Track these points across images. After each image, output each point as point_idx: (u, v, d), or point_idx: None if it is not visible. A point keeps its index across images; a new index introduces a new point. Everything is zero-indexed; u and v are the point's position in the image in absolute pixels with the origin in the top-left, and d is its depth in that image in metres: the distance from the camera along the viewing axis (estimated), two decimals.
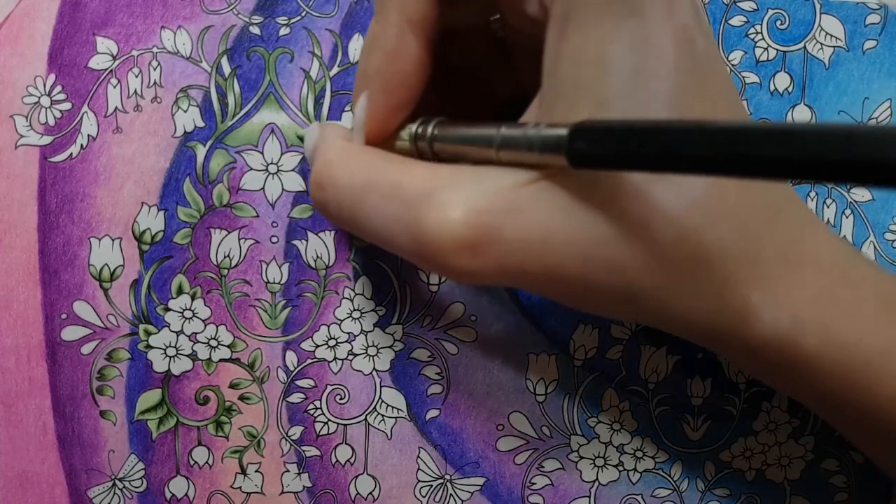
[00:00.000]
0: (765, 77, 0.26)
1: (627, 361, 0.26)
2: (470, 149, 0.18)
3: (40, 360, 0.25)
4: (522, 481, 0.27)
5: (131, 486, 0.26)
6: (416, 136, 0.20)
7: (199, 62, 0.25)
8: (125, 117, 0.25)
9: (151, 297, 0.25)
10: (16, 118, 0.25)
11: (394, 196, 0.18)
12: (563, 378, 0.26)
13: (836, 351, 0.18)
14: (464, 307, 0.26)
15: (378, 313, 0.26)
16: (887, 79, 0.26)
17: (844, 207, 0.26)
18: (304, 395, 0.26)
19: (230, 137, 0.25)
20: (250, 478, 0.26)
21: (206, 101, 0.25)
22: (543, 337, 0.26)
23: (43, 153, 0.25)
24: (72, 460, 0.25)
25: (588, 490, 0.27)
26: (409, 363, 0.26)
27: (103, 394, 0.25)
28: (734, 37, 0.26)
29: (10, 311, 0.25)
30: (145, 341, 0.25)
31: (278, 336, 0.26)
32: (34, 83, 0.24)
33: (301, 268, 0.25)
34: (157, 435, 0.26)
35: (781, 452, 0.26)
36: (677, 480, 0.27)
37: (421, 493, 0.26)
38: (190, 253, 0.25)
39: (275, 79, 0.25)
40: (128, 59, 0.25)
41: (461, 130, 0.19)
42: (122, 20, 0.25)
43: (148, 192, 0.25)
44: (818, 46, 0.26)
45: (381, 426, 0.26)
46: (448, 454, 0.26)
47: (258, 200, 0.25)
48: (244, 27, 0.25)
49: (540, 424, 0.26)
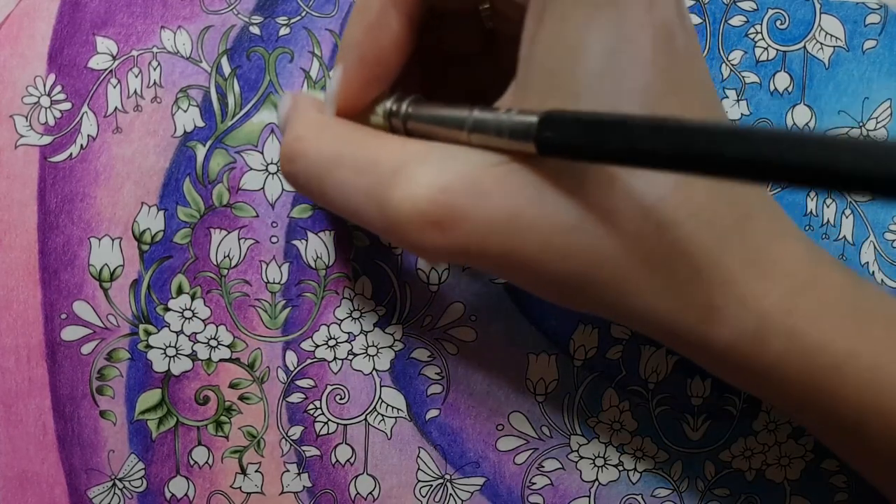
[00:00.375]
0: (765, 77, 0.26)
1: (627, 361, 0.26)
2: (442, 129, 0.19)
3: (40, 360, 0.25)
4: (522, 481, 0.27)
5: (131, 486, 0.26)
6: (390, 112, 0.20)
7: (199, 62, 0.25)
8: (125, 117, 0.25)
9: (151, 297, 0.25)
10: (16, 118, 0.25)
11: (363, 170, 0.18)
12: (563, 378, 0.26)
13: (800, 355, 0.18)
14: (464, 307, 0.26)
15: (378, 313, 0.26)
16: (887, 79, 0.26)
17: (844, 207, 0.26)
18: (304, 395, 0.26)
19: (230, 137, 0.25)
20: (250, 478, 0.26)
21: (206, 101, 0.25)
22: (543, 337, 0.26)
23: (43, 153, 0.25)
24: (72, 460, 0.25)
25: (588, 490, 0.27)
26: (409, 363, 0.26)
27: (103, 394, 0.25)
28: (734, 37, 0.26)
29: (10, 311, 0.25)
30: (145, 341, 0.25)
31: (278, 336, 0.26)
32: (34, 83, 0.24)
33: (301, 268, 0.25)
34: (157, 435, 0.26)
35: (781, 452, 0.26)
36: (677, 480, 0.27)
37: (421, 493, 0.26)
38: (190, 253, 0.25)
39: (275, 79, 0.25)
40: (128, 59, 0.25)
41: (435, 110, 0.19)
42: (122, 20, 0.25)
43: (148, 192, 0.25)
44: (818, 46, 0.26)
45: (381, 426, 0.26)
46: (448, 454, 0.26)
47: (258, 200, 0.25)
48: (244, 27, 0.25)
49: (540, 424, 0.26)
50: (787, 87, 0.26)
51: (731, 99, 0.26)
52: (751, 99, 0.26)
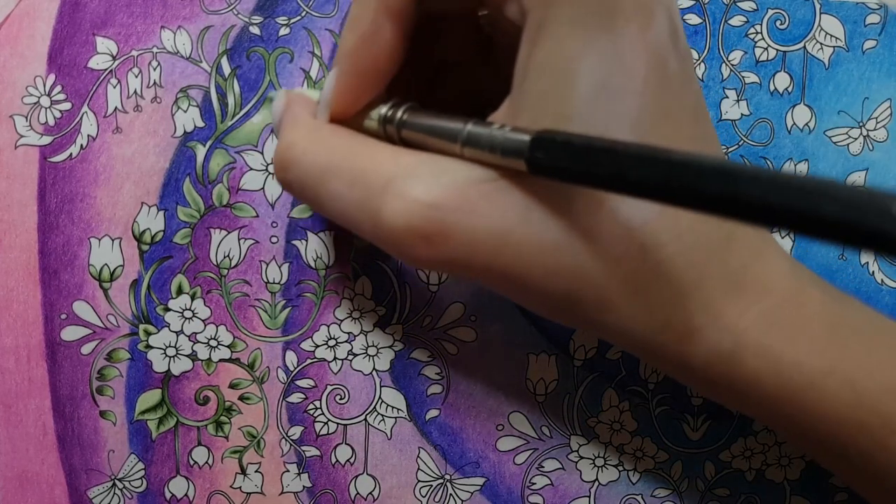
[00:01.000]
0: (765, 77, 0.26)
1: (627, 361, 0.26)
2: (436, 140, 0.19)
3: (40, 360, 0.25)
4: (522, 481, 0.27)
5: (131, 486, 0.26)
6: (385, 118, 0.20)
7: (199, 62, 0.25)
8: (125, 117, 0.25)
9: (151, 297, 0.25)
10: (16, 118, 0.25)
11: (355, 182, 0.19)
12: (563, 378, 0.26)
13: (778, 373, 0.19)
14: (464, 307, 0.26)
15: (378, 313, 0.26)
16: (887, 79, 0.26)
17: None
18: (304, 395, 0.26)
19: (230, 137, 0.25)
20: (250, 478, 0.26)
21: (206, 101, 0.25)
22: (543, 337, 0.26)
23: (43, 153, 0.25)
24: (72, 460, 0.25)
25: (588, 490, 0.27)
26: (409, 363, 0.26)
27: (103, 394, 0.25)
28: (734, 37, 0.26)
29: (10, 311, 0.25)
30: (145, 341, 0.25)
31: (278, 336, 0.26)
32: (34, 83, 0.24)
33: (301, 268, 0.25)
34: (157, 435, 0.26)
35: (781, 452, 0.26)
36: (677, 480, 0.27)
37: (421, 493, 0.26)
38: (190, 253, 0.25)
39: (275, 79, 0.25)
40: (128, 59, 0.25)
41: (429, 121, 0.19)
42: (121, 20, 0.25)
43: (148, 192, 0.25)
44: (818, 46, 0.26)
45: (381, 426, 0.26)
46: (448, 454, 0.26)
47: (258, 200, 0.25)
48: (244, 27, 0.25)
49: (540, 424, 0.26)
50: (787, 87, 0.26)
51: (731, 99, 0.26)
52: (751, 99, 0.26)
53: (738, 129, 0.26)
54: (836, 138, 0.26)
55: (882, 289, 0.26)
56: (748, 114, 0.26)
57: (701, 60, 0.26)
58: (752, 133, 0.26)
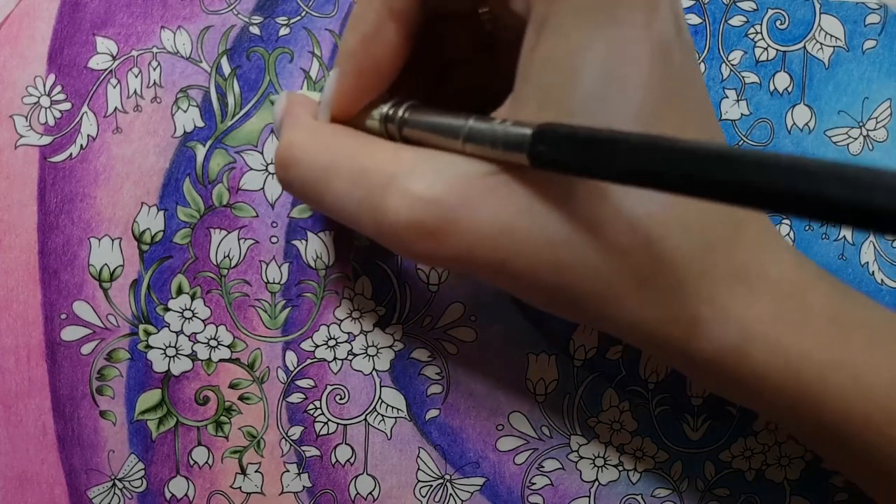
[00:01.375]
0: (765, 77, 0.26)
1: (627, 361, 0.26)
2: (437, 138, 0.19)
3: (40, 360, 0.25)
4: (522, 481, 0.27)
5: (131, 486, 0.26)
6: (386, 117, 0.20)
7: (198, 62, 0.25)
8: (125, 117, 0.25)
9: (151, 297, 0.25)
10: (16, 118, 0.25)
11: (356, 180, 0.19)
12: (563, 378, 0.26)
13: (784, 366, 0.18)
14: (464, 307, 0.26)
15: (378, 313, 0.26)
16: (887, 79, 0.26)
17: None
18: (303, 395, 0.26)
19: (230, 137, 0.25)
20: (250, 478, 0.26)
21: (206, 101, 0.25)
22: (543, 337, 0.26)
23: (43, 153, 0.25)
24: (72, 460, 0.25)
25: (588, 490, 0.27)
26: (409, 363, 0.26)
27: (103, 394, 0.25)
28: (734, 37, 0.26)
29: (9, 311, 0.25)
30: (145, 341, 0.25)
31: (278, 336, 0.26)
32: (34, 83, 0.24)
33: (301, 268, 0.25)
34: (157, 435, 0.26)
35: (781, 452, 0.26)
36: (677, 480, 0.27)
37: (421, 493, 0.26)
38: (190, 253, 0.25)
39: (275, 79, 0.25)
40: (128, 59, 0.25)
41: (431, 118, 0.19)
42: (121, 20, 0.25)
43: (148, 192, 0.25)
44: (818, 46, 0.26)
45: (381, 426, 0.26)
46: (448, 454, 0.26)
47: (258, 200, 0.25)
48: (244, 27, 0.25)
49: (540, 424, 0.26)
50: (787, 87, 0.26)
51: (731, 99, 0.26)
52: (751, 99, 0.26)
53: (738, 129, 0.26)
54: (836, 138, 0.26)
55: (882, 289, 0.26)
56: (748, 114, 0.26)
57: (701, 60, 0.26)
58: (752, 133, 0.26)
